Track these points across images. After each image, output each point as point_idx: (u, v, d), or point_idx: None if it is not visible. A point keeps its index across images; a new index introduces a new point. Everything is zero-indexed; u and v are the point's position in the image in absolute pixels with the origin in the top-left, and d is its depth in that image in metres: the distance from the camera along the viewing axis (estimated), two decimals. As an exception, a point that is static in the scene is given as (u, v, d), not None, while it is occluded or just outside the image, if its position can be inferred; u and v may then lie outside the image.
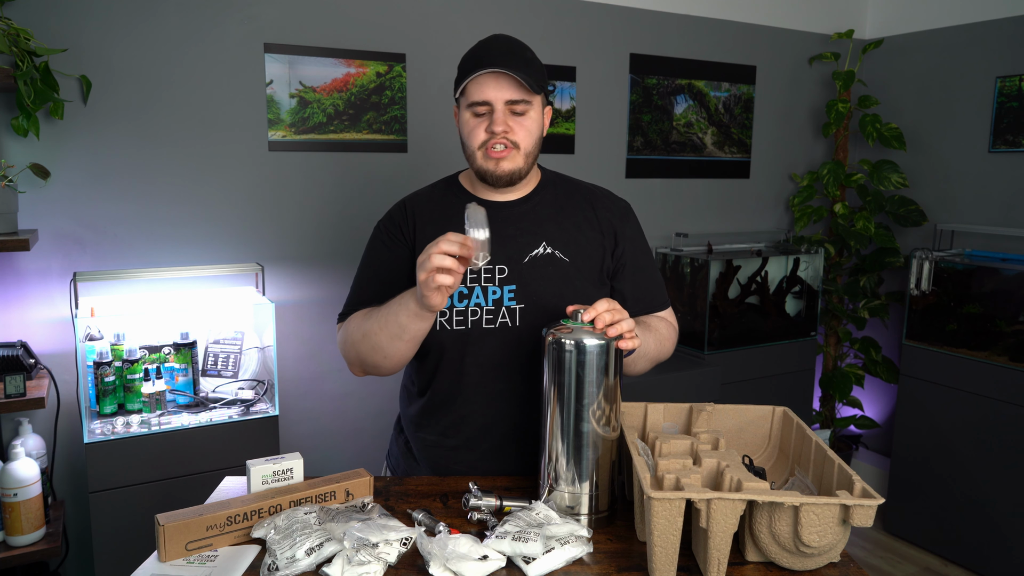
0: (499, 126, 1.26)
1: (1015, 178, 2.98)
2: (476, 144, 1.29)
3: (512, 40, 1.32)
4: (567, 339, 1.11)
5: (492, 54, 1.26)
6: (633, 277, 1.42)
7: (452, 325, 1.31)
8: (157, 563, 1.03)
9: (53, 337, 2.11)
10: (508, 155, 1.29)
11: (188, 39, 2.18)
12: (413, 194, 1.45)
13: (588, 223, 1.39)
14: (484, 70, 1.24)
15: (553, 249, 1.35)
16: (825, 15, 3.39)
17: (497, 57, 1.26)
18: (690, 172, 3.18)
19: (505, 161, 1.29)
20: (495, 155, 1.29)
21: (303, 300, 2.45)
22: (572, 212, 1.39)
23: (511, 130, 1.28)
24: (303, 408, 2.48)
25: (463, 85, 1.27)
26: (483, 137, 1.28)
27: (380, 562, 0.99)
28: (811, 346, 3.27)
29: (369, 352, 1.30)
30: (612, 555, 1.07)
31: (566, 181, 1.45)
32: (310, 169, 2.40)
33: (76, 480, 2.16)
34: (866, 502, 0.94)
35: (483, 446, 1.36)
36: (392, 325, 1.24)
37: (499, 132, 1.27)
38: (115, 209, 2.15)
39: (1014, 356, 2.67)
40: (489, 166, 1.30)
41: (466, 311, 1.31)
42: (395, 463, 1.50)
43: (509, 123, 1.27)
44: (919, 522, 3.03)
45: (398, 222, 1.39)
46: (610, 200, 1.45)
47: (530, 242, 1.35)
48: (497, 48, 1.28)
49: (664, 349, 1.41)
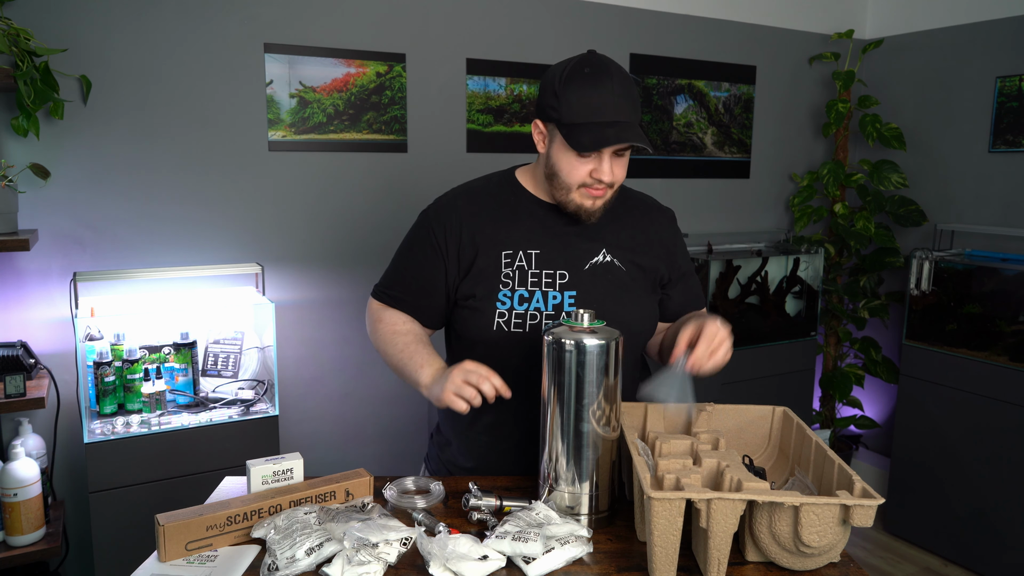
0: (607, 177, 1.25)
1: (1015, 178, 2.98)
2: (576, 183, 1.27)
3: (626, 80, 1.24)
4: (567, 339, 1.11)
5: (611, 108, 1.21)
6: (684, 286, 1.46)
7: (510, 328, 1.31)
8: (157, 563, 1.03)
9: (53, 337, 2.11)
10: (604, 195, 1.29)
11: (188, 39, 2.18)
12: (467, 189, 1.41)
13: (643, 233, 1.41)
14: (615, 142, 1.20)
15: (612, 257, 1.36)
16: (825, 15, 3.39)
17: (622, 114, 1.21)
18: (690, 172, 3.18)
19: (601, 199, 1.29)
20: (595, 194, 1.28)
21: (303, 300, 2.45)
22: (627, 221, 1.41)
23: (614, 175, 1.26)
24: (303, 408, 2.48)
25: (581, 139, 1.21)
26: (587, 180, 1.26)
27: (380, 562, 0.99)
28: (811, 346, 3.27)
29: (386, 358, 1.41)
30: (612, 555, 1.07)
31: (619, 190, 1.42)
32: (310, 169, 2.40)
33: (76, 480, 2.16)
34: (866, 502, 0.94)
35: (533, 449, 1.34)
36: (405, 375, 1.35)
37: (606, 182, 1.26)
38: (115, 209, 2.15)
39: (1014, 356, 2.67)
40: (586, 204, 1.29)
41: (525, 314, 1.31)
42: (435, 466, 1.49)
43: (613, 168, 1.25)
44: (919, 522, 3.03)
45: (444, 225, 1.35)
46: (658, 211, 1.47)
47: (590, 249, 1.35)
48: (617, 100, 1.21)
49: None
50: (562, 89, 1.23)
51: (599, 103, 1.21)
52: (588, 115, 1.21)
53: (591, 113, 1.21)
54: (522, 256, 1.33)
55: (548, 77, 1.27)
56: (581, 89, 1.21)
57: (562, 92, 1.22)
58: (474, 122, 2.66)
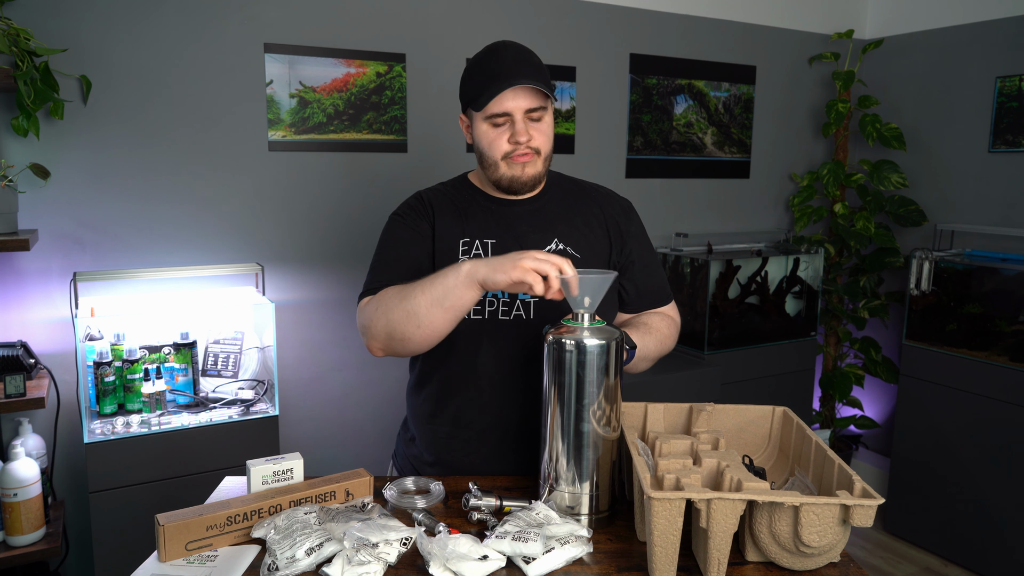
0: (523, 136, 1.30)
1: (1015, 178, 2.98)
2: (499, 154, 1.33)
3: (519, 47, 1.34)
4: (567, 339, 1.11)
5: (507, 66, 1.28)
6: (639, 274, 1.47)
7: (469, 315, 1.34)
8: (157, 563, 1.03)
9: (53, 337, 2.11)
10: (531, 160, 1.33)
11: (188, 39, 2.18)
12: (426, 190, 1.48)
13: (596, 220, 1.44)
14: (507, 86, 1.26)
15: (565, 246, 1.40)
16: (825, 15, 3.39)
17: (513, 68, 1.28)
18: (690, 172, 3.18)
19: (529, 166, 1.34)
20: (520, 160, 1.32)
21: (303, 300, 2.45)
22: (580, 210, 1.44)
23: (532, 137, 1.31)
24: (303, 408, 2.48)
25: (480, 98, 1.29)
26: (506, 147, 1.32)
27: (380, 562, 0.99)
28: (811, 346, 3.27)
29: (401, 320, 1.23)
30: (612, 555, 1.07)
31: (571, 181, 1.50)
32: (310, 169, 2.40)
33: (76, 480, 2.16)
34: (866, 502, 0.94)
35: (494, 437, 1.38)
36: (437, 288, 1.19)
37: (523, 142, 1.31)
38: (115, 209, 2.15)
39: (1014, 356, 2.67)
40: (515, 172, 1.33)
41: (483, 302, 1.35)
42: (402, 462, 1.51)
43: (530, 131, 1.31)
44: (919, 522, 3.03)
45: (418, 209, 1.42)
46: (613, 199, 1.50)
47: (542, 239, 1.39)
48: (509, 59, 1.30)
49: (665, 346, 1.44)
50: (467, 74, 1.35)
51: (492, 66, 1.30)
52: (485, 80, 1.29)
53: (487, 78, 1.29)
54: (478, 245, 1.37)
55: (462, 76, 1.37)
56: (478, 65, 1.33)
57: (466, 76, 1.35)
58: (474, 122, 2.65)
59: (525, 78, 1.27)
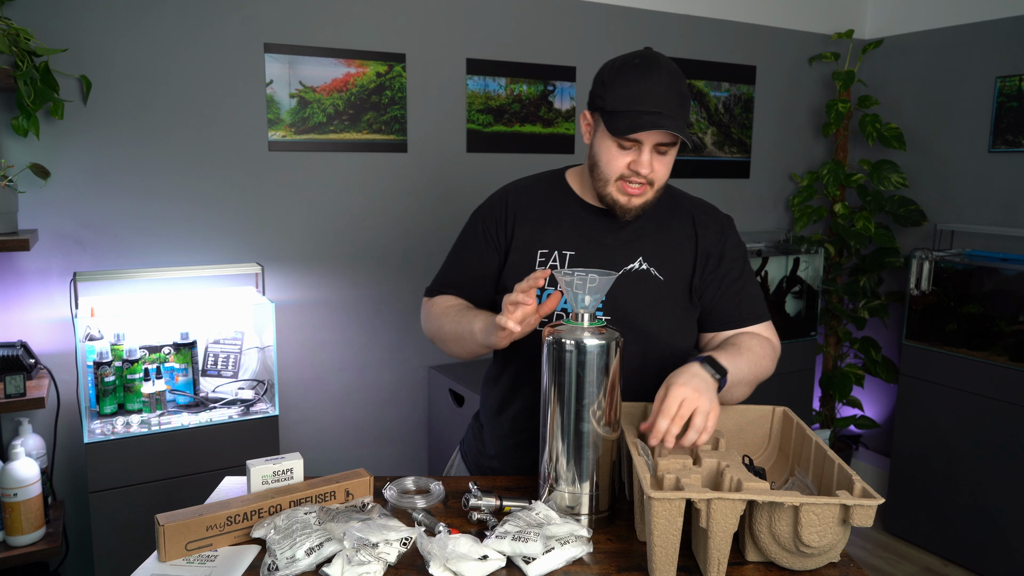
0: (645, 168, 1.24)
1: (1015, 178, 2.98)
2: (614, 175, 1.26)
3: (673, 72, 1.24)
4: (567, 339, 1.11)
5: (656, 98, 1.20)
6: (727, 292, 1.38)
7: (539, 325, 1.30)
8: (157, 563, 1.03)
9: (53, 337, 2.11)
10: (643, 192, 1.27)
11: (188, 39, 2.18)
12: (516, 186, 1.43)
13: (689, 241, 1.37)
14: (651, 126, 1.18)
15: (649, 266, 1.34)
16: (825, 15, 3.39)
17: (663, 103, 1.20)
18: (690, 172, 3.18)
19: (638, 198, 1.28)
20: (632, 191, 1.27)
21: (303, 300, 2.45)
22: (672, 228, 1.37)
23: (654, 170, 1.25)
24: (303, 408, 2.48)
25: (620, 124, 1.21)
26: (625, 172, 1.25)
27: (380, 562, 0.99)
28: (811, 346, 3.27)
29: (439, 340, 1.40)
30: (612, 555, 1.07)
31: (671, 195, 1.42)
32: (310, 169, 2.40)
33: (76, 480, 2.16)
34: (866, 502, 0.94)
35: None
36: (462, 328, 1.31)
37: (645, 174, 1.25)
38: (115, 209, 2.15)
39: (1014, 356, 2.67)
40: (622, 200, 1.28)
41: (552, 315, 1.30)
42: (467, 449, 1.53)
43: (654, 163, 1.24)
44: (919, 522, 3.03)
45: (498, 216, 1.38)
46: (711, 217, 1.41)
47: (627, 256, 1.34)
48: (661, 89, 1.21)
49: (762, 369, 1.35)
50: (611, 78, 1.24)
51: (642, 91, 1.21)
52: (630, 103, 1.21)
53: (633, 101, 1.21)
54: (556, 256, 1.34)
55: (601, 68, 1.28)
56: (628, 77, 1.22)
57: (610, 81, 1.24)
58: (474, 122, 2.65)
59: (670, 121, 1.19)
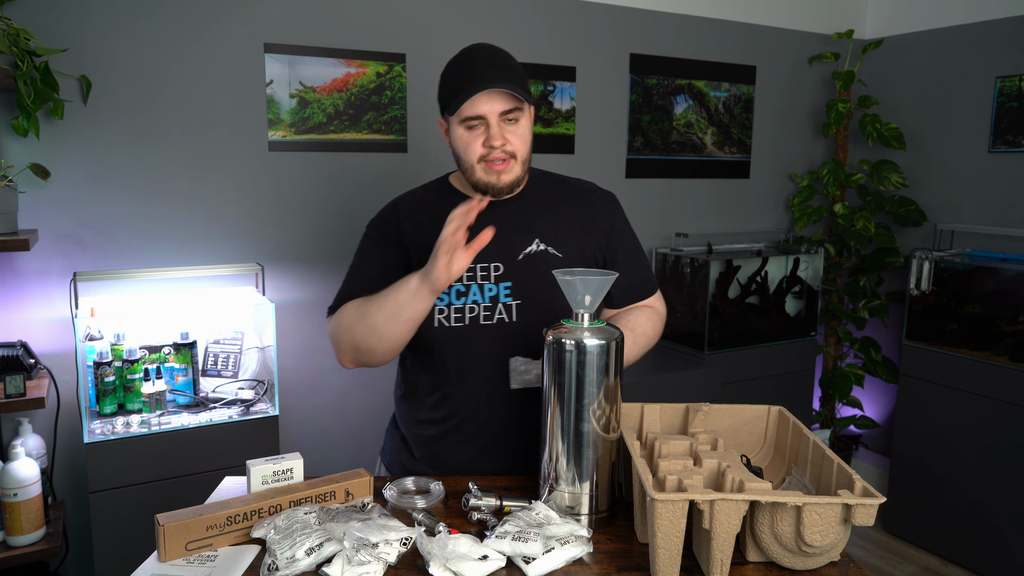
0: (497, 140, 1.28)
1: (1015, 178, 2.98)
2: (474, 158, 1.31)
3: (494, 49, 1.33)
4: (567, 339, 1.11)
5: (479, 69, 1.27)
6: (624, 269, 1.44)
7: (450, 322, 1.34)
8: (157, 563, 1.03)
9: (53, 337, 2.11)
10: (508, 167, 1.31)
11: (188, 39, 2.18)
12: (404, 195, 1.48)
13: (578, 218, 1.43)
14: (478, 90, 1.24)
15: (546, 245, 1.39)
16: (825, 15, 3.39)
17: (487, 72, 1.27)
18: (690, 172, 3.18)
19: (505, 173, 1.32)
20: (496, 168, 1.31)
21: (303, 300, 2.45)
22: (562, 208, 1.43)
23: (508, 141, 1.30)
24: (303, 408, 2.48)
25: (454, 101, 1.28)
26: (481, 151, 1.30)
27: (380, 562, 0.99)
28: (811, 346, 3.27)
29: (364, 335, 1.31)
30: (612, 555, 1.07)
31: (553, 178, 1.48)
32: (310, 169, 2.40)
33: (76, 480, 2.16)
34: (868, 501, 0.94)
35: (482, 440, 1.38)
36: (391, 304, 1.27)
37: (498, 146, 1.29)
38: (115, 209, 2.15)
39: (1014, 356, 2.67)
40: (491, 179, 1.32)
41: (464, 308, 1.34)
42: (390, 459, 1.51)
43: (505, 135, 1.29)
44: (919, 522, 3.03)
45: (389, 222, 1.43)
46: (596, 194, 1.48)
47: (523, 239, 1.38)
48: (482, 62, 1.29)
49: (649, 344, 1.44)
50: (443, 78, 1.33)
51: (464, 70, 1.29)
52: (459, 84, 1.28)
53: (461, 83, 1.27)
54: None
55: None
56: (452, 67, 1.32)
57: (442, 80, 1.33)
58: (474, 122, 2.65)
59: (499, 81, 1.25)
